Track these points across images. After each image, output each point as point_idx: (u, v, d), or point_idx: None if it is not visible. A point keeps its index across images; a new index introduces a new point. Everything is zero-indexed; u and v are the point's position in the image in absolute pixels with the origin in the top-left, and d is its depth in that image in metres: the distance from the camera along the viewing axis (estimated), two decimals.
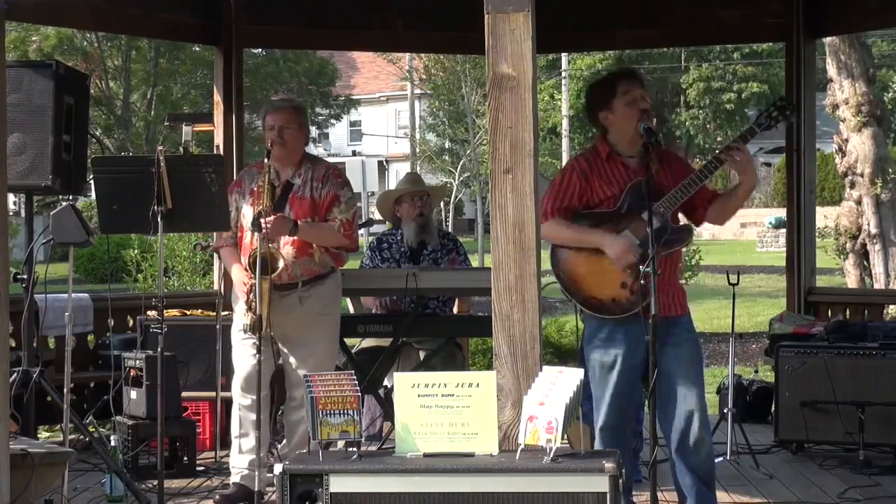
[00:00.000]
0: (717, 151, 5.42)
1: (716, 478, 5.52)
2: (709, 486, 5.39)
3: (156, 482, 5.91)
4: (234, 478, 6.48)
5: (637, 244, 5.23)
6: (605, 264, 5.29)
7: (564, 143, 37.19)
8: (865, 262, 15.15)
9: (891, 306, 11.56)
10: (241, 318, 6.30)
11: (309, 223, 6.23)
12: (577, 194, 5.37)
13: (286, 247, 6.18)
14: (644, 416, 6.41)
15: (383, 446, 6.92)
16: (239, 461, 6.47)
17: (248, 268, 6.12)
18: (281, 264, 5.97)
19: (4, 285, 4.76)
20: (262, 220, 5.87)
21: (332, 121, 43.53)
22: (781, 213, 23.99)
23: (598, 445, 5.30)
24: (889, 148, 17.39)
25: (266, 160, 6.10)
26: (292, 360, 6.34)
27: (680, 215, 5.53)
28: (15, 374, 6.12)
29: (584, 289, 5.35)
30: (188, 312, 8.09)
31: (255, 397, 6.36)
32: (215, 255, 7.59)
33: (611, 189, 5.35)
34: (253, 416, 6.32)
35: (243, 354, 6.39)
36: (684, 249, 5.88)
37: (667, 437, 5.32)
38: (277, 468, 4.21)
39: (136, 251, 15.64)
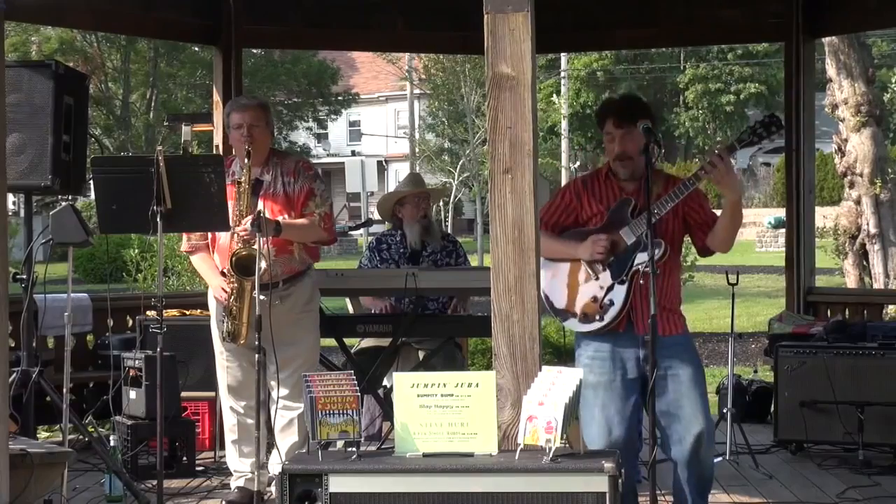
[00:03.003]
0: (697, 168, 5.37)
1: (713, 477, 5.52)
2: (706, 500, 5.40)
3: (155, 482, 5.91)
4: (238, 482, 6.48)
5: (612, 257, 5.24)
6: (579, 278, 5.30)
7: (564, 143, 37.19)
8: (865, 262, 15.15)
9: (890, 306, 11.56)
10: (220, 325, 6.29)
11: (290, 220, 6.21)
12: (565, 211, 5.41)
13: (266, 245, 5.99)
14: (643, 416, 6.41)
15: (383, 446, 6.92)
16: (241, 465, 6.46)
17: (231, 271, 6.08)
18: (264, 265, 5.90)
19: (4, 285, 4.76)
20: (262, 220, 5.84)
21: (333, 116, 43.50)
22: (781, 213, 24.01)
23: None
24: (888, 148, 17.39)
25: (247, 160, 6.09)
26: (277, 360, 6.14)
27: (690, 242, 5.54)
28: (14, 374, 6.13)
29: (560, 301, 5.36)
30: (187, 312, 8.09)
31: (246, 402, 6.36)
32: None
33: (599, 206, 5.37)
34: (249, 421, 6.32)
35: (229, 363, 6.40)
36: (682, 265, 5.82)
37: (674, 458, 5.28)
38: (277, 468, 4.21)
39: (135, 251, 15.63)
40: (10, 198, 13.11)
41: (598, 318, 5.26)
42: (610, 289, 5.25)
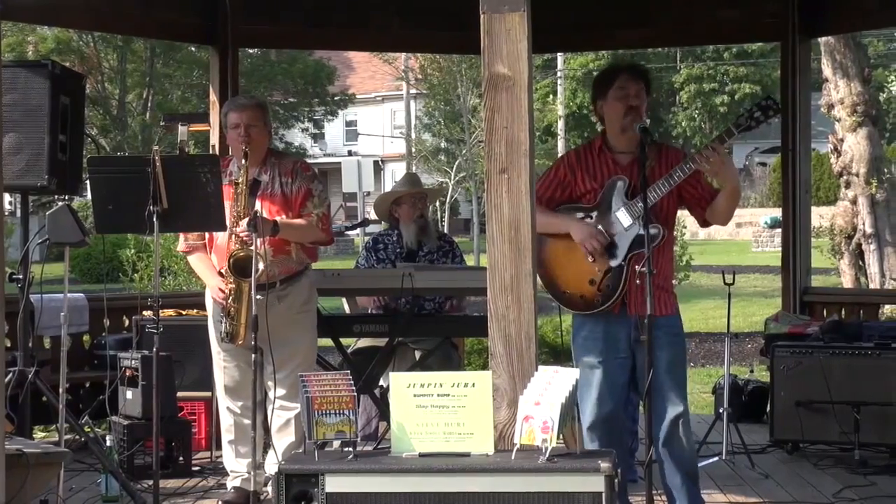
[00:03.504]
0: (692, 153, 5.36)
1: (709, 476, 5.54)
2: (696, 484, 5.44)
3: (151, 482, 5.91)
4: (235, 482, 6.47)
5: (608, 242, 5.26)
6: (576, 259, 5.32)
7: (560, 143, 37.18)
8: (861, 262, 15.18)
9: (886, 306, 11.57)
10: (218, 325, 6.30)
11: (287, 220, 6.20)
12: (559, 186, 5.42)
13: (263, 246, 5.99)
14: (640, 415, 6.42)
15: (379, 446, 6.91)
16: (237, 465, 6.45)
17: (229, 272, 6.07)
18: (262, 266, 5.90)
19: (0, 285, 4.76)
20: (258, 220, 5.82)
21: (329, 116, 43.50)
22: (777, 212, 24.02)
23: (587, 444, 5.30)
24: (884, 148, 17.41)
25: (244, 161, 6.08)
26: (274, 360, 6.09)
27: (688, 215, 5.56)
28: (11, 375, 6.12)
29: (557, 283, 5.40)
30: (184, 312, 8.09)
31: (243, 403, 6.35)
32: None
33: (592, 183, 5.38)
34: (246, 421, 6.30)
35: (226, 363, 6.39)
36: (676, 251, 5.87)
37: (654, 437, 5.32)
38: (273, 468, 4.21)
39: (132, 251, 15.64)
40: (7, 198, 13.11)
41: (596, 301, 5.29)
42: (607, 272, 5.28)
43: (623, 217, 5.27)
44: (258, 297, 5.78)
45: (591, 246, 5.26)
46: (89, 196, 6.11)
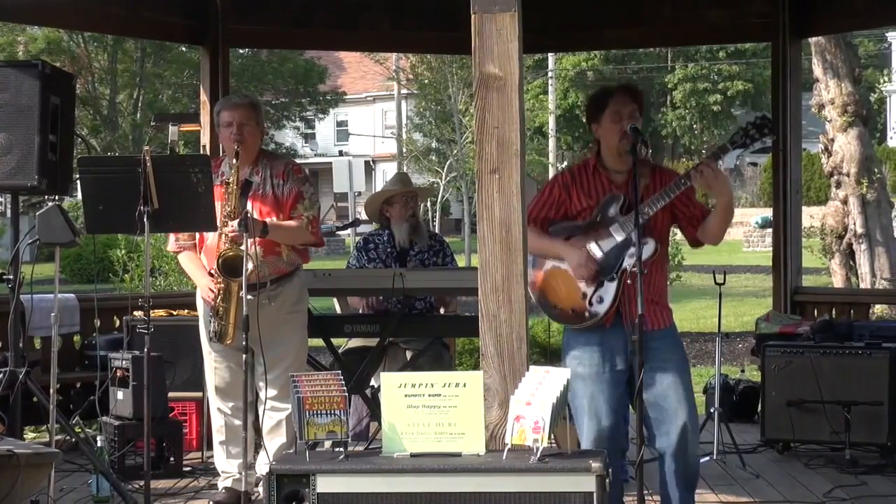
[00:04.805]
0: (687, 169, 5.36)
1: (701, 476, 5.53)
2: (692, 493, 5.42)
3: (142, 483, 5.90)
4: (226, 482, 6.47)
5: (601, 256, 5.24)
6: (568, 275, 5.30)
7: (551, 143, 37.22)
8: (851, 262, 15.20)
9: (876, 306, 11.59)
10: (207, 325, 6.29)
11: (277, 222, 6.19)
12: (554, 206, 5.39)
13: (253, 246, 5.95)
14: (630, 415, 6.41)
15: (370, 446, 6.92)
16: (228, 466, 6.45)
17: (218, 272, 6.07)
18: (251, 266, 5.90)
19: None
20: (248, 221, 5.81)
21: (320, 115, 43.49)
22: (768, 212, 24.05)
23: None
24: (875, 148, 17.43)
25: (234, 160, 6.07)
26: (265, 361, 6.12)
27: (678, 234, 5.54)
28: (1, 375, 6.11)
29: (549, 298, 5.37)
30: (175, 312, 8.08)
31: (234, 403, 6.35)
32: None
33: (588, 200, 5.36)
34: (236, 422, 6.30)
35: (217, 364, 6.39)
36: (669, 263, 5.84)
37: (660, 450, 5.30)
38: (264, 469, 4.21)
39: (122, 251, 15.61)
40: None
41: (587, 314, 5.27)
42: (599, 286, 5.27)
43: (616, 232, 5.27)
44: (249, 297, 5.78)
45: (581, 276, 5.25)
46: (80, 196, 6.10)
